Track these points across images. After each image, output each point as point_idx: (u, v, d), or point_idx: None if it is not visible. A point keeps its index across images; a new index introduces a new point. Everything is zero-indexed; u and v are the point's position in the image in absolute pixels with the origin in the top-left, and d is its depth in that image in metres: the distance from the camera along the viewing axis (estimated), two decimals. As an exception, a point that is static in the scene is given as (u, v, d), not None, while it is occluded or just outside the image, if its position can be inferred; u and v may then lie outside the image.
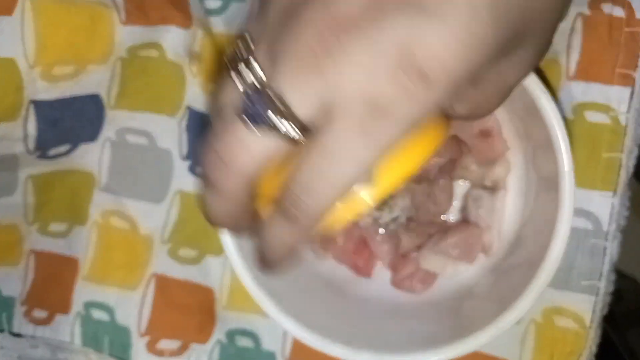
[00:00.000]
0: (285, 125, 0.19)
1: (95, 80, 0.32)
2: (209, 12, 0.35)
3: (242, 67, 0.19)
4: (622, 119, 0.30)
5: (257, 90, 0.19)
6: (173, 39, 0.33)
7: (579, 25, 0.30)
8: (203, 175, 0.21)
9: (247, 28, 0.20)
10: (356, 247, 0.34)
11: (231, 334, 0.35)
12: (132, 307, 0.35)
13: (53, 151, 0.33)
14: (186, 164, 0.34)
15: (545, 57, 0.30)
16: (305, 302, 0.32)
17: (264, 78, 0.19)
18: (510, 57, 0.20)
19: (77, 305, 0.36)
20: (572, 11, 0.30)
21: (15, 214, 0.35)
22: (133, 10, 0.32)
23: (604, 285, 0.31)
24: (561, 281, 0.31)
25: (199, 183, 0.23)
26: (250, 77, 0.19)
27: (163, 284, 0.35)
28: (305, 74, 0.18)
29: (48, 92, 0.31)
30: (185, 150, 0.34)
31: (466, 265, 0.33)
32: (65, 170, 0.35)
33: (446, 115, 0.23)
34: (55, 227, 0.36)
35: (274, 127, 0.19)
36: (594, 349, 0.31)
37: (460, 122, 0.32)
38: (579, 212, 0.31)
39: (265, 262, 0.22)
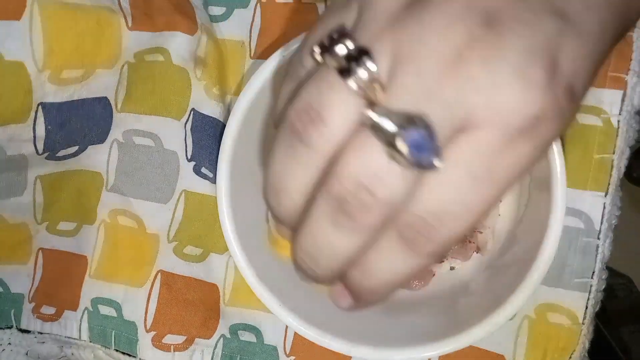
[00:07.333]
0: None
1: (103, 83, 0.33)
2: (213, 19, 0.35)
3: (356, 67, 0.16)
4: (614, 121, 0.30)
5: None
6: (179, 44, 0.33)
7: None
8: (292, 128, 0.18)
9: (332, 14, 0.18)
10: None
11: (234, 329, 0.36)
12: (138, 303, 0.36)
13: (62, 152, 0.34)
14: (191, 165, 0.35)
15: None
16: (305, 298, 0.32)
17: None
18: None
19: (84, 301, 0.36)
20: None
21: (24, 214, 0.35)
22: (139, 16, 0.32)
23: (596, 282, 0.31)
24: (554, 279, 0.31)
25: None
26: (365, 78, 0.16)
27: (169, 280, 0.36)
28: (448, 85, 0.16)
29: (56, 95, 0.31)
30: (190, 151, 0.35)
31: (462, 262, 0.34)
32: (74, 171, 0.35)
33: None
34: (64, 226, 0.36)
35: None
36: (587, 345, 0.32)
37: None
38: (572, 212, 0.31)
39: (361, 296, 0.20)
